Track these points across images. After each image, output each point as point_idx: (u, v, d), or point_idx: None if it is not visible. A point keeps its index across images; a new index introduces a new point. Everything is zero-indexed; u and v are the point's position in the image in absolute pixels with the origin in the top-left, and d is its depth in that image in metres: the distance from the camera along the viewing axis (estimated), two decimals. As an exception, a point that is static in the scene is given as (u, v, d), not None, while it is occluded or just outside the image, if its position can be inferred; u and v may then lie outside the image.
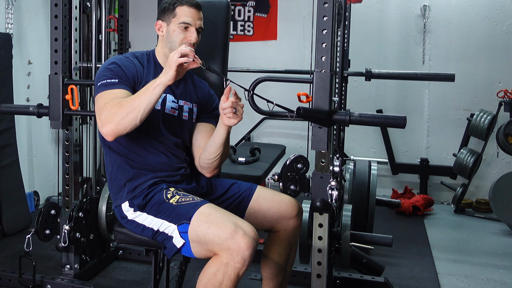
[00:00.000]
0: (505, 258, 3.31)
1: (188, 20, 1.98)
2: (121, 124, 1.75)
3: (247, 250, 1.64)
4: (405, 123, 2.06)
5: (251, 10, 4.97)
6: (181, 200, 1.81)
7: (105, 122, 1.77)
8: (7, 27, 3.66)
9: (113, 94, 1.82)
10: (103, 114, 1.78)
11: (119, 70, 1.89)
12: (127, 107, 1.75)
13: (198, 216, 1.73)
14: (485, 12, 4.50)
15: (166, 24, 2.02)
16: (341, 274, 2.71)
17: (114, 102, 1.78)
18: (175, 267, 2.70)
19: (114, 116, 1.75)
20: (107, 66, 1.91)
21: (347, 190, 3.11)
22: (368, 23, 4.72)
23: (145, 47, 4.35)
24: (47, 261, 3.00)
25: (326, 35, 2.03)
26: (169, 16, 2.00)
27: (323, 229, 2.10)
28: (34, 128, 4.02)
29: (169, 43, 2.00)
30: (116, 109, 1.76)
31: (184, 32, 1.98)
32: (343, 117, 2.06)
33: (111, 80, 1.85)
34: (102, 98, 1.83)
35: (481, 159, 4.17)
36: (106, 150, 1.99)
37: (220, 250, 1.66)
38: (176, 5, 1.99)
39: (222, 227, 1.67)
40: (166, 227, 1.79)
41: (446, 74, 3.53)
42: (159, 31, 2.04)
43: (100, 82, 1.86)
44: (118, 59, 1.95)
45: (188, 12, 1.99)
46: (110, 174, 1.99)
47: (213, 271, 1.66)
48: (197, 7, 2.01)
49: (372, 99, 4.74)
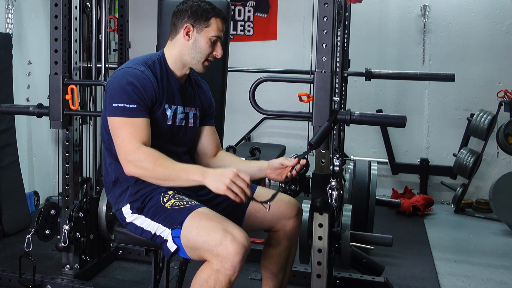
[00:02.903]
0: (505, 258, 3.31)
1: (220, 35, 1.94)
2: (145, 177, 1.76)
3: (236, 256, 1.62)
4: (405, 122, 2.06)
5: (251, 10, 4.98)
6: (175, 204, 1.80)
7: (134, 166, 1.74)
8: (7, 27, 3.66)
9: (136, 125, 1.78)
10: (134, 155, 1.74)
11: (137, 93, 1.80)
12: (159, 173, 1.74)
13: (190, 221, 1.72)
14: (485, 12, 4.50)
15: (196, 31, 1.92)
16: (341, 274, 2.71)
17: (151, 153, 1.74)
18: (175, 267, 2.70)
19: (145, 169, 1.74)
20: (124, 86, 1.80)
21: (347, 190, 3.11)
22: (368, 23, 4.71)
23: (145, 47, 4.36)
24: (47, 261, 3.00)
25: (326, 35, 2.03)
26: (201, 24, 1.91)
27: (323, 229, 2.10)
28: (34, 128, 4.02)
29: (195, 53, 1.94)
30: (150, 165, 1.73)
31: (212, 46, 1.94)
32: (343, 116, 2.07)
33: (130, 106, 1.78)
34: (125, 127, 1.77)
35: (481, 159, 4.17)
36: (111, 160, 1.93)
37: (210, 256, 1.65)
38: (212, 16, 1.92)
39: (211, 233, 1.66)
40: (162, 230, 1.79)
41: (446, 74, 3.53)
42: (186, 35, 1.93)
43: (117, 104, 1.79)
44: (135, 77, 1.83)
45: (221, 26, 1.95)
46: (112, 180, 1.94)
47: (204, 278, 1.66)
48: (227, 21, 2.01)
49: (372, 99, 4.74)
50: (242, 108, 4.48)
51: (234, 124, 4.70)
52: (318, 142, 1.90)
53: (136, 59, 1.93)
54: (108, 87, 1.86)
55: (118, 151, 1.80)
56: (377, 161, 4.26)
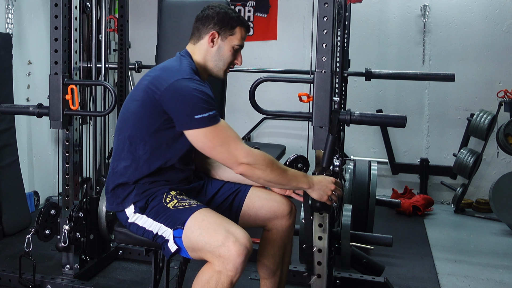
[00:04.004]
0: (505, 258, 3.31)
1: (243, 44, 1.97)
2: (258, 178, 1.82)
3: (238, 257, 1.63)
4: (405, 122, 2.06)
5: (251, 10, 4.97)
6: (178, 204, 1.81)
7: (250, 167, 1.78)
8: (7, 27, 3.66)
9: (228, 128, 1.80)
10: (249, 157, 1.77)
11: (210, 99, 1.79)
12: (273, 176, 1.82)
13: (192, 222, 1.73)
14: (485, 12, 4.50)
15: (220, 38, 1.94)
16: (341, 274, 2.71)
17: (264, 156, 1.80)
18: (175, 267, 2.71)
19: (262, 171, 1.79)
20: (196, 96, 1.76)
21: (347, 190, 3.11)
22: (368, 23, 4.71)
23: (145, 47, 4.37)
24: (47, 261, 3.00)
25: (326, 35, 2.03)
26: (226, 32, 1.93)
27: (323, 229, 2.10)
28: (34, 128, 4.02)
29: (218, 60, 1.95)
30: (267, 168, 1.80)
31: (234, 54, 1.96)
32: (344, 116, 2.07)
33: (212, 113, 1.76)
34: (221, 133, 1.77)
35: (481, 159, 4.17)
36: (130, 163, 1.87)
37: (212, 257, 1.66)
38: (237, 25, 1.93)
39: (214, 234, 1.67)
40: (164, 231, 1.79)
41: (446, 74, 3.54)
42: (211, 42, 1.93)
43: (200, 115, 1.74)
44: (197, 84, 1.80)
45: (244, 35, 1.97)
46: (121, 182, 1.89)
47: (206, 279, 1.66)
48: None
49: (372, 99, 4.74)
50: (242, 108, 4.49)
51: (234, 124, 4.60)
52: (329, 163, 1.99)
53: (178, 68, 1.86)
54: (172, 100, 1.77)
55: (224, 157, 1.78)
56: (377, 161, 4.26)
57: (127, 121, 1.89)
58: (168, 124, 1.82)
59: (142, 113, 1.84)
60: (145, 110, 1.83)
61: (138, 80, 1.96)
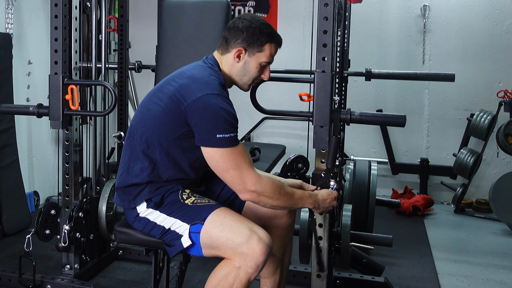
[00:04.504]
0: (505, 258, 3.31)
1: (271, 60, 1.93)
2: (265, 203, 1.81)
3: (261, 256, 1.66)
4: (404, 122, 2.07)
5: (251, 10, 4.98)
6: (197, 201, 1.82)
7: (258, 195, 1.77)
8: (7, 27, 3.66)
9: (243, 152, 1.78)
10: (258, 186, 1.76)
11: (234, 120, 1.78)
12: (281, 201, 1.82)
13: (213, 218, 1.74)
14: (485, 12, 4.50)
15: (247, 54, 1.90)
16: (341, 274, 2.71)
17: (272, 183, 1.79)
18: (175, 267, 2.70)
19: (270, 198, 1.79)
20: (222, 115, 1.74)
21: (347, 190, 3.11)
22: (368, 23, 4.71)
23: (145, 47, 4.36)
24: (47, 261, 3.00)
25: (327, 36, 2.04)
26: (254, 48, 1.88)
27: (323, 229, 2.11)
28: (34, 128, 4.02)
29: (243, 75, 1.93)
30: (275, 195, 1.79)
31: (261, 70, 1.93)
32: (344, 116, 2.07)
33: (233, 135, 1.76)
34: (235, 157, 1.75)
35: (481, 159, 4.17)
36: (147, 165, 1.86)
37: (233, 254, 1.68)
38: (267, 41, 1.89)
39: (237, 231, 1.69)
40: (178, 226, 1.79)
41: (446, 74, 3.54)
42: (237, 57, 1.90)
43: (221, 135, 1.73)
44: (225, 101, 1.78)
45: (275, 51, 1.94)
46: (135, 182, 1.88)
47: (224, 274, 1.68)
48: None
49: (372, 99, 4.74)
50: (242, 108, 4.44)
51: (234, 124, 4.68)
52: (333, 163, 1.99)
53: (207, 81, 1.82)
54: (197, 115, 1.76)
55: (234, 181, 1.76)
56: (377, 161, 4.27)
57: (146, 122, 1.86)
58: (188, 134, 1.81)
59: (164, 120, 1.82)
60: (167, 118, 1.81)
61: (161, 80, 1.92)
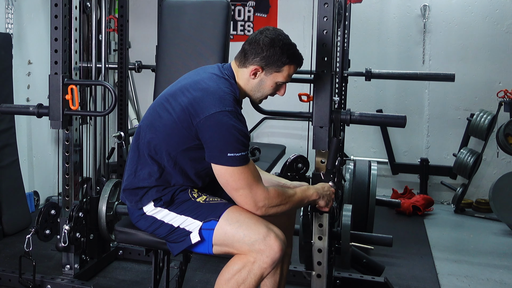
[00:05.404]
0: (505, 258, 3.31)
1: (288, 80, 1.90)
2: (275, 213, 1.82)
3: (278, 252, 1.68)
4: (405, 122, 2.07)
5: (251, 10, 4.98)
6: (209, 199, 1.83)
7: (267, 209, 1.78)
8: (7, 27, 3.66)
9: (253, 170, 1.78)
10: (267, 201, 1.76)
11: (246, 138, 1.76)
12: (289, 206, 1.84)
13: (229, 215, 1.75)
14: (485, 12, 4.50)
15: (264, 73, 1.86)
16: (341, 274, 2.71)
17: (277, 193, 1.80)
18: (175, 267, 2.70)
19: (278, 208, 1.81)
20: (234, 134, 1.72)
21: (347, 190, 3.11)
22: (368, 23, 4.71)
23: (145, 47, 4.36)
24: (47, 261, 3.00)
25: (326, 35, 2.04)
26: (272, 68, 1.85)
27: (323, 229, 2.11)
28: (34, 128, 4.02)
29: (257, 91, 1.91)
30: (282, 203, 1.81)
31: (276, 88, 1.91)
32: (344, 116, 2.07)
33: (244, 153, 1.75)
34: (245, 175, 1.74)
35: (481, 159, 4.17)
36: (157, 169, 1.85)
37: (249, 250, 1.69)
38: (287, 63, 1.86)
39: (255, 228, 1.71)
40: (189, 223, 1.79)
41: (446, 74, 3.54)
42: (253, 75, 1.87)
43: (232, 154, 1.72)
44: (239, 119, 1.76)
45: (293, 72, 1.91)
46: (143, 185, 1.87)
47: (237, 268, 1.69)
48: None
49: (372, 99, 4.74)
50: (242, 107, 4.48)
51: (234, 124, 4.68)
52: (333, 164, 2.01)
53: (222, 96, 1.78)
54: (209, 132, 1.74)
55: (244, 200, 1.75)
56: (377, 161, 4.27)
57: (156, 129, 1.84)
58: (197, 146, 1.80)
59: (175, 131, 1.80)
60: (178, 129, 1.79)
61: (175, 83, 1.92)
